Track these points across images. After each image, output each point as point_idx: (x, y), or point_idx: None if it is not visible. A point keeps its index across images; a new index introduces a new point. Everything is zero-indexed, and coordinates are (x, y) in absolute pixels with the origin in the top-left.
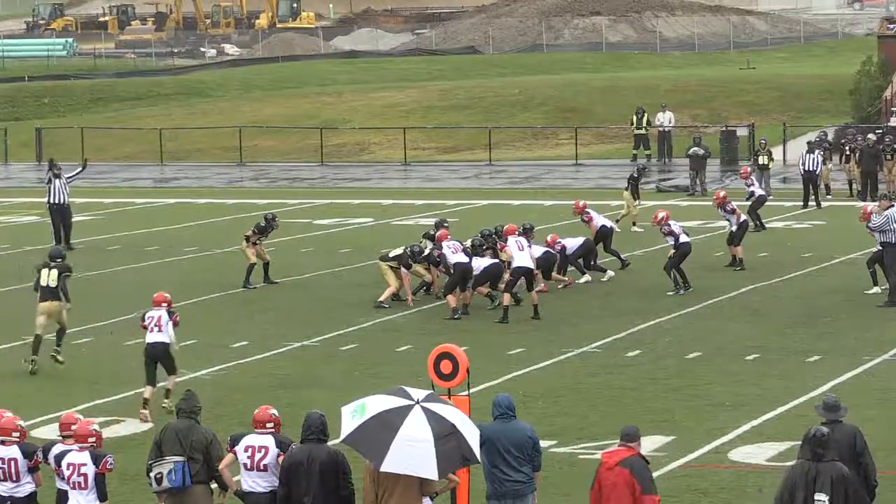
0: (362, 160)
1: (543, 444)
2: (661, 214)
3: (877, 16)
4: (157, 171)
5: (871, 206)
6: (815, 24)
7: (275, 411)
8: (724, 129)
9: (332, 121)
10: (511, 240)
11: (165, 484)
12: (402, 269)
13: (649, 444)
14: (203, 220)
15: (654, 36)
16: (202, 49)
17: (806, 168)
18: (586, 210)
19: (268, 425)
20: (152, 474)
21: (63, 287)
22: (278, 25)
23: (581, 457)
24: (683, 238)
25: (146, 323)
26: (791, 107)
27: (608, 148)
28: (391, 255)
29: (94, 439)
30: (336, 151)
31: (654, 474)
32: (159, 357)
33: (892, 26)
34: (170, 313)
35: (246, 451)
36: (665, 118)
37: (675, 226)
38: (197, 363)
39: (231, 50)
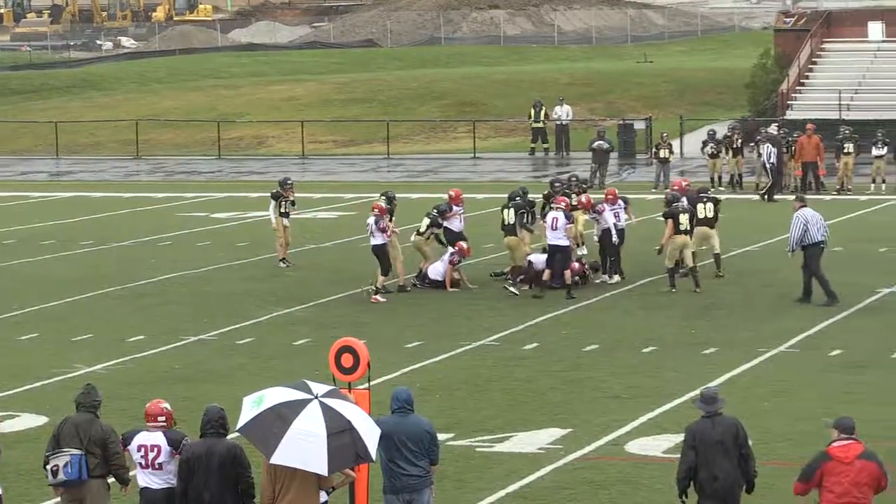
0: (260, 153)
1: (441, 437)
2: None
3: (773, 9)
4: (52, 165)
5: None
6: (712, 18)
7: (167, 405)
8: (621, 122)
9: (230, 114)
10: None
11: (61, 476)
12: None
13: (546, 437)
14: (99, 214)
15: (552, 29)
16: (98, 42)
17: (772, 160)
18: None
19: (159, 419)
20: (49, 466)
21: (520, 222)
22: (175, 18)
23: (478, 450)
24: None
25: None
26: (688, 100)
27: (506, 141)
28: (422, 229)
29: None
30: (233, 145)
31: (550, 467)
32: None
33: (788, 20)
34: (376, 221)
35: (139, 450)
36: (563, 111)
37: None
38: (93, 357)
39: (128, 43)
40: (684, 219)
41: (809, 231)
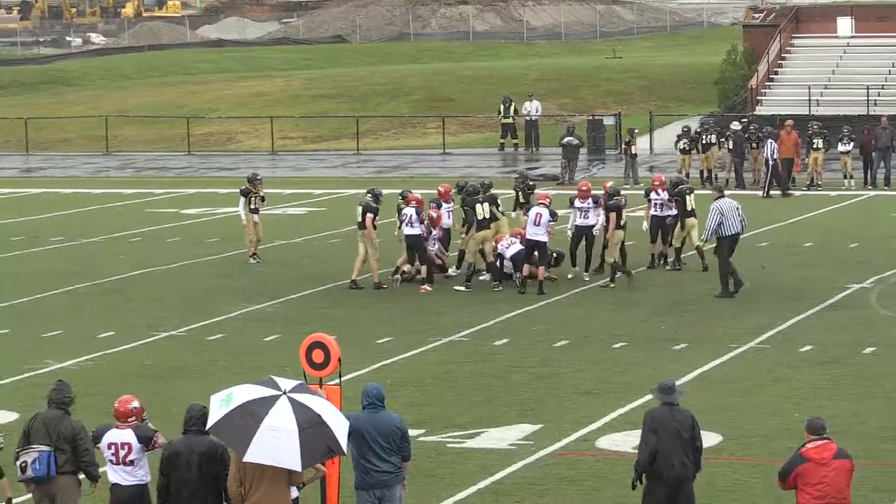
0: (229, 149)
1: (412, 432)
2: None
3: (742, 5)
4: (22, 161)
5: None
6: (682, 14)
7: (135, 403)
8: (590, 118)
9: (199, 110)
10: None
11: (30, 473)
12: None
13: (517, 433)
14: (69, 210)
15: (521, 25)
16: (68, 38)
17: (774, 157)
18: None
19: (129, 419)
20: (18, 462)
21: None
22: (144, 14)
23: (449, 445)
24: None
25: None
26: (657, 96)
27: (475, 137)
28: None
29: None
30: (203, 141)
31: (521, 463)
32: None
33: (757, 16)
34: (417, 212)
35: (109, 448)
36: (532, 107)
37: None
38: (64, 354)
39: (97, 39)
40: (623, 213)
41: (725, 223)
